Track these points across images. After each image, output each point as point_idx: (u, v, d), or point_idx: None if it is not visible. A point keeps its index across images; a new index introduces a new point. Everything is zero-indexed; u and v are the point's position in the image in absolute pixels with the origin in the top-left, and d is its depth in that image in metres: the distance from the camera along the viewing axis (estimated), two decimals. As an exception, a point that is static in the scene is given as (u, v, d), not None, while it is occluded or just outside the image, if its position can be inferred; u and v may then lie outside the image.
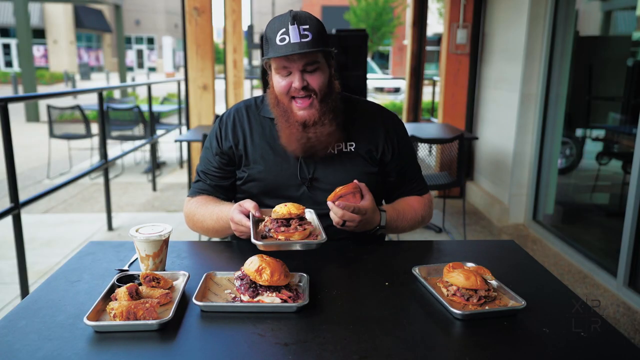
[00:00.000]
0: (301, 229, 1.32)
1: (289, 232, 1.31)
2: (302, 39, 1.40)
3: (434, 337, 1.03)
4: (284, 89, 1.47)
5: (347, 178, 1.55)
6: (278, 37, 1.41)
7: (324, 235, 1.31)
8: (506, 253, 1.53)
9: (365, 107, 1.68)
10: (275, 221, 1.35)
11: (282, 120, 1.52)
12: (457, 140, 3.81)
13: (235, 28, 7.31)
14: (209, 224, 1.57)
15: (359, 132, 1.61)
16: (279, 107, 1.52)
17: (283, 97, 1.50)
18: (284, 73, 1.46)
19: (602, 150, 4.47)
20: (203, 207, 1.59)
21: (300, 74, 1.45)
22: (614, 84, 4.13)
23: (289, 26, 1.40)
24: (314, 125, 1.49)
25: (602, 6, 4.46)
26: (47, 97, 3.55)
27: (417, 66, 6.75)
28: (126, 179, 6.28)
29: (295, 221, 1.34)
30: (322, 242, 1.28)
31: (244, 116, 1.64)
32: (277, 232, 1.32)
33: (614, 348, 1.01)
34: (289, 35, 1.40)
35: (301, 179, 1.57)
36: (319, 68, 1.47)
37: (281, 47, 1.40)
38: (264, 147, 1.59)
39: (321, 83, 1.48)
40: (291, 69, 1.45)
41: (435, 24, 24.39)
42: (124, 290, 1.10)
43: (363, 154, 1.60)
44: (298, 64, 1.44)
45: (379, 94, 14.57)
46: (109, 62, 35.99)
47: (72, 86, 22.30)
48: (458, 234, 4.32)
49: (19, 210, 2.81)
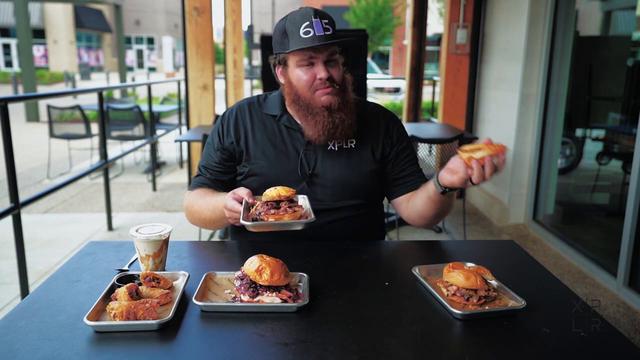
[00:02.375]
0: (291, 211, 1.32)
1: (279, 214, 1.31)
2: (325, 32, 1.47)
3: (434, 337, 1.03)
4: (307, 82, 1.51)
5: (347, 175, 1.58)
6: (302, 30, 1.46)
7: (313, 216, 1.32)
8: (506, 253, 1.53)
9: (365, 107, 1.70)
10: (265, 204, 1.34)
11: (305, 113, 1.54)
12: (457, 140, 3.81)
13: (235, 28, 7.31)
14: (206, 214, 1.57)
15: (360, 130, 1.62)
16: (299, 102, 1.54)
17: (305, 91, 1.52)
18: (306, 66, 1.50)
19: (602, 150, 4.47)
20: (201, 199, 1.60)
21: (324, 65, 1.50)
22: (614, 84, 4.13)
23: (312, 19, 1.46)
24: (338, 110, 1.52)
25: (602, 6, 4.47)
26: (47, 97, 3.55)
27: (417, 66, 6.75)
28: (126, 179, 6.28)
29: (285, 203, 1.33)
30: (311, 222, 1.29)
31: (246, 113, 1.66)
32: (267, 215, 1.31)
33: (614, 348, 1.01)
34: (313, 28, 1.46)
35: (301, 174, 1.57)
36: (337, 61, 1.54)
37: (307, 39, 1.46)
38: (265, 143, 1.60)
39: (341, 75, 1.55)
40: (316, 59, 1.49)
41: (435, 24, 24.40)
42: (124, 290, 1.10)
43: (363, 152, 1.61)
44: (323, 55, 1.49)
45: (379, 94, 14.57)
46: (109, 62, 35.99)
47: (72, 86, 22.30)
48: (458, 234, 4.32)
49: (19, 210, 2.81)
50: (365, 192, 1.62)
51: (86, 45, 36.64)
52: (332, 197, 1.58)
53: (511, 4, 4.54)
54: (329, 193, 1.58)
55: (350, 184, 1.58)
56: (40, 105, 11.79)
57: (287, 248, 1.47)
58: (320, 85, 1.51)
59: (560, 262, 3.74)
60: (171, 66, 27.38)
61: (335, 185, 1.58)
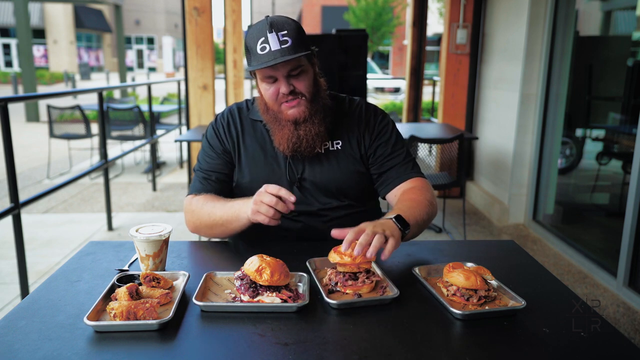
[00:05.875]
0: (369, 282, 1.20)
1: (357, 285, 1.19)
2: (282, 46, 1.39)
3: (434, 337, 1.03)
4: (272, 96, 1.48)
5: (336, 177, 1.57)
6: (258, 47, 1.40)
7: (396, 289, 1.18)
8: (506, 253, 1.53)
9: (350, 105, 1.66)
10: (342, 274, 1.22)
11: (273, 124, 1.53)
12: (457, 140, 3.81)
13: (235, 28, 7.31)
14: (217, 215, 1.49)
15: (345, 130, 1.61)
16: (268, 113, 1.53)
17: (272, 104, 1.50)
18: (269, 81, 1.47)
19: (602, 150, 4.47)
20: (210, 202, 1.53)
21: (286, 79, 1.45)
22: (614, 84, 4.13)
23: (267, 34, 1.39)
24: (304, 122, 1.49)
25: (602, 6, 4.47)
26: (47, 97, 3.55)
27: (417, 66, 6.75)
28: (126, 179, 6.28)
29: (363, 275, 1.21)
30: (395, 296, 1.16)
31: (237, 117, 1.65)
32: (345, 286, 1.19)
33: (614, 348, 1.01)
34: (268, 43, 1.39)
35: (290, 178, 1.57)
36: (303, 71, 1.47)
37: (262, 56, 1.39)
38: (255, 148, 1.60)
39: (307, 85, 1.48)
40: (276, 76, 1.45)
41: (435, 24, 24.40)
42: (124, 290, 1.10)
43: (349, 152, 1.59)
44: (282, 71, 1.43)
45: (379, 94, 14.57)
46: (109, 62, 35.99)
47: (72, 86, 22.30)
48: (458, 234, 4.32)
49: (19, 210, 2.81)
50: (356, 192, 1.61)
51: (86, 45, 36.64)
52: (323, 199, 1.58)
53: (511, 4, 4.54)
54: (320, 196, 1.58)
55: (339, 186, 1.58)
56: (40, 105, 11.79)
57: (287, 248, 1.47)
58: (283, 99, 1.47)
59: (560, 262, 3.74)
60: (171, 66, 27.39)
61: (325, 188, 1.57)
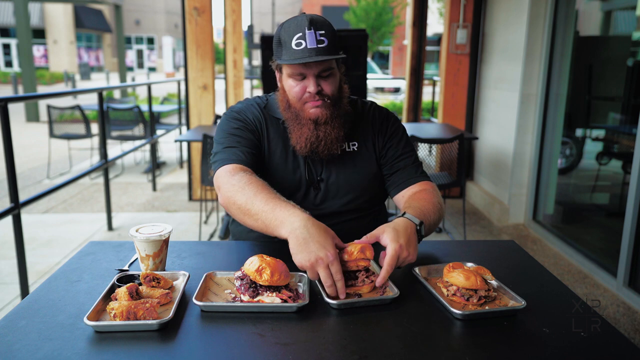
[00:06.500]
0: (368, 282, 1.21)
1: (356, 285, 1.20)
2: (318, 45, 1.38)
3: (434, 337, 1.03)
4: (298, 94, 1.47)
5: (352, 179, 1.56)
6: (294, 41, 1.39)
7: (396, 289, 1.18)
8: (506, 253, 1.53)
9: (363, 107, 1.68)
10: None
11: (293, 122, 1.51)
12: (457, 140, 3.81)
13: (235, 28, 7.31)
14: (255, 207, 1.30)
15: (360, 132, 1.62)
16: (290, 110, 1.51)
17: (295, 102, 1.49)
18: (298, 78, 1.45)
19: (602, 150, 4.46)
20: (254, 187, 1.33)
21: (315, 79, 1.44)
22: (614, 84, 4.13)
23: (305, 31, 1.38)
24: (325, 124, 1.48)
25: (602, 6, 4.46)
26: (47, 97, 3.54)
27: (417, 66, 6.75)
28: (126, 179, 6.28)
29: (362, 274, 1.21)
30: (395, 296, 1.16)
31: (260, 110, 1.61)
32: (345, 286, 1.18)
33: (614, 348, 1.01)
34: (305, 40, 1.38)
35: (309, 180, 1.56)
36: (332, 74, 1.47)
37: (297, 51, 1.39)
38: (278, 145, 1.57)
39: (334, 88, 1.48)
40: (306, 74, 1.44)
41: (435, 24, 24.41)
42: (124, 290, 1.10)
43: (365, 153, 1.60)
44: (314, 70, 1.43)
45: (379, 94, 14.58)
46: (109, 62, 35.98)
47: (72, 86, 22.29)
48: (458, 234, 4.32)
49: (19, 210, 2.81)
50: (371, 193, 1.62)
51: (86, 45, 36.63)
52: (339, 201, 1.57)
53: (511, 4, 4.54)
54: (336, 197, 1.57)
55: (355, 188, 1.58)
56: (40, 105, 11.79)
57: (287, 248, 1.47)
58: (309, 98, 1.46)
59: (560, 262, 3.74)
60: (171, 66, 27.38)
61: (341, 189, 1.57)
